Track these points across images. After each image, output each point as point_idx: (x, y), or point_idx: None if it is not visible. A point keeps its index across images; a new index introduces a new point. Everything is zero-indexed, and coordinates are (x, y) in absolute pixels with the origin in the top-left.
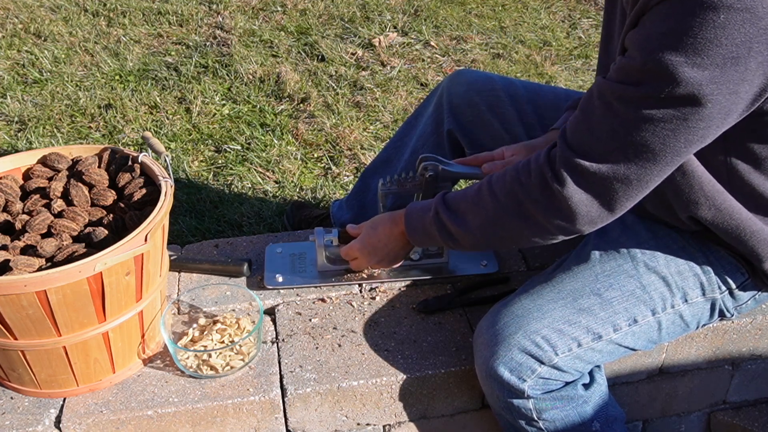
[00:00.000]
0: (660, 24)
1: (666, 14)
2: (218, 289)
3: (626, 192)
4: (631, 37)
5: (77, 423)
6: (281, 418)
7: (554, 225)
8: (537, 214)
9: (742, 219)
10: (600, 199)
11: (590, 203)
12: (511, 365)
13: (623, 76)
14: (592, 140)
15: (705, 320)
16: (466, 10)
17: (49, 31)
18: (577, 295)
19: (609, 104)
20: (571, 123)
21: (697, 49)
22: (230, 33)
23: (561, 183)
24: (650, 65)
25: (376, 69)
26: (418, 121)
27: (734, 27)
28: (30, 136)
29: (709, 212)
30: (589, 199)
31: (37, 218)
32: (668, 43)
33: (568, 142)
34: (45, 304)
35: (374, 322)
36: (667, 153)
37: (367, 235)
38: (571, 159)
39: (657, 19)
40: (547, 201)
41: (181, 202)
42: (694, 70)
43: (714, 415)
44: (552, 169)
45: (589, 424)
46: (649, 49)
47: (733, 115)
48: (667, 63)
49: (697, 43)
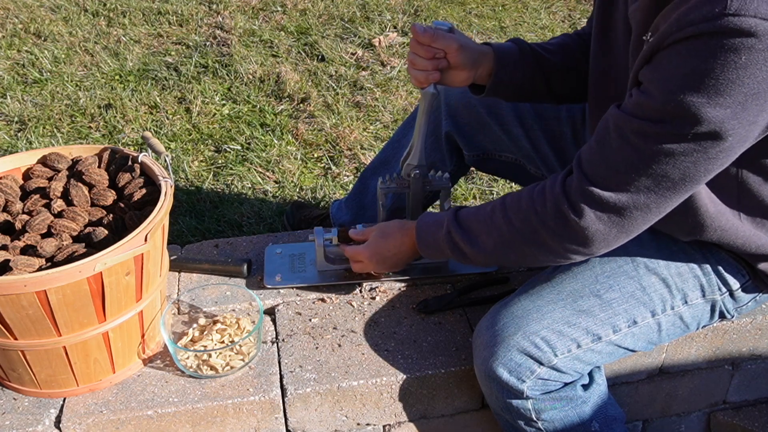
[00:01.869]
0: (680, 65)
1: (686, 55)
2: (218, 289)
3: (644, 218)
4: (648, 75)
5: (77, 423)
6: (281, 418)
7: (570, 250)
8: (552, 242)
9: (747, 237)
10: (618, 227)
11: (607, 231)
12: (510, 366)
13: (641, 112)
14: (609, 171)
15: (705, 321)
16: (466, 10)
17: (49, 31)
18: (577, 296)
19: (626, 138)
20: (587, 153)
21: (719, 90)
22: (230, 33)
23: (578, 214)
24: (671, 106)
25: (376, 69)
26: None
27: (756, 66)
28: (30, 136)
29: (714, 234)
30: (606, 228)
31: (37, 218)
32: (690, 85)
33: (585, 172)
34: (45, 304)
35: (374, 322)
36: (686, 182)
37: (376, 244)
38: (588, 189)
39: (676, 59)
40: (564, 230)
41: (181, 202)
42: (717, 109)
43: (714, 415)
44: (568, 200)
45: (588, 424)
46: (669, 90)
47: (750, 141)
48: (689, 104)
49: (719, 84)
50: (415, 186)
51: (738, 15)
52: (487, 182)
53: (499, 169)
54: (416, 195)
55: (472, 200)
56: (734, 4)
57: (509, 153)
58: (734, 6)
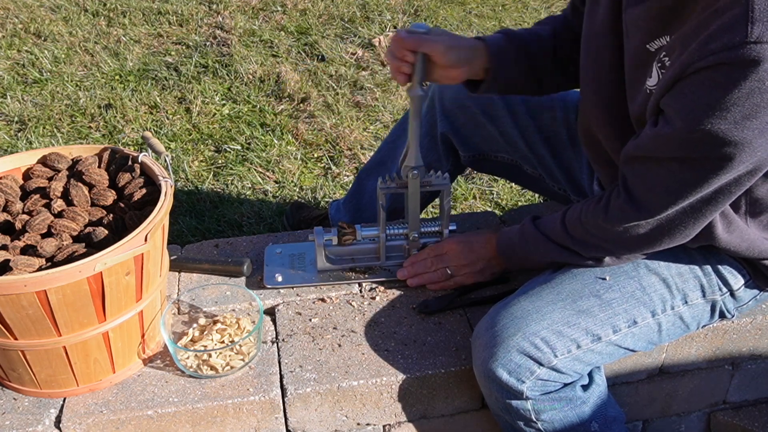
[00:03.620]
0: (704, 94)
1: (710, 85)
2: (218, 289)
3: (688, 231)
4: (671, 104)
5: (77, 423)
6: (281, 418)
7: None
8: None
9: (752, 240)
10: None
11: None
12: (510, 367)
13: (668, 139)
14: (653, 198)
15: (705, 321)
16: (466, 10)
17: (49, 31)
18: (577, 297)
19: (653, 161)
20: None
21: (746, 115)
22: (230, 33)
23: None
24: (698, 135)
25: (376, 69)
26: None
27: None
28: (30, 136)
29: (721, 242)
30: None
31: (37, 218)
32: (716, 114)
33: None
34: (45, 304)
35: (374, 322)
36: (723, 201)
37: (465, 236)
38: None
39: (699, 89)
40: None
41: (181, 202)
42: (744, 132)
43: (714, 415)
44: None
45: (587, 424)
46: (695, 120)
47: None
48: (717, 132)
49: (745, 110)
50: (413, 186)
51: (760, 42)
52: (487, 182)
53: (496, 169)
54: (414, 195)
55: (472, 200)
56: (755, 32)
57: (505, 153)
58: (755, 33)
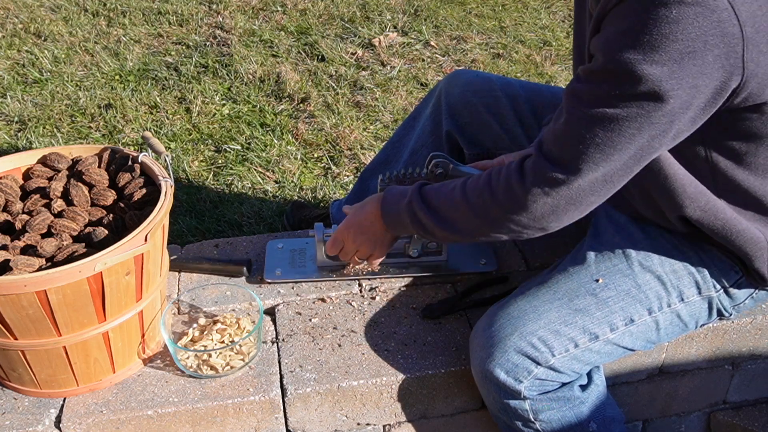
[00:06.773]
0: (618, 25)
1: (622, 15)
2: (218, 289)
3: (595, 192)
4: (595, 43)
5: (77, 423)
6: (281, 418)
7: (518, 223)
8: (500, 214)
9: (727, 219)
10: (566, 200)
11: (555, 204)
12: (508, 367)
13: (587, 77)
14: (561, 145)
15: (703, 320)
16: (466, 10)
17: (49, 31)
18: (573, 296)
19: (574, 107)
20: (546, 132)
21: (653, 46)
22: (230, 33)
23: (526, 187)
24: (611, 66)
25: (376, 69)
26: (417, 122)
27: (687, 21)
28: (30, 136)
29: (695, 213)
30: (554, 200)
31: (37, 218)
32: (626, 42)
33: (542, 150)
34: (45, 304)
35: (374, 322)
36: (632, 150)
37: (354, 214)
38: (541, 164)
39: (615, 21)
40: (510, 203)
41: (181, 202)
42: (653, 66)
43: (714, 415)
44: (521, 175)
45: (585, 424)
46: (609, 50)
47: (694, 109)
48: (626, 61)
49: (653, 39)
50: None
51: None
52: None
53: None
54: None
55: None
56: None
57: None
58: None
